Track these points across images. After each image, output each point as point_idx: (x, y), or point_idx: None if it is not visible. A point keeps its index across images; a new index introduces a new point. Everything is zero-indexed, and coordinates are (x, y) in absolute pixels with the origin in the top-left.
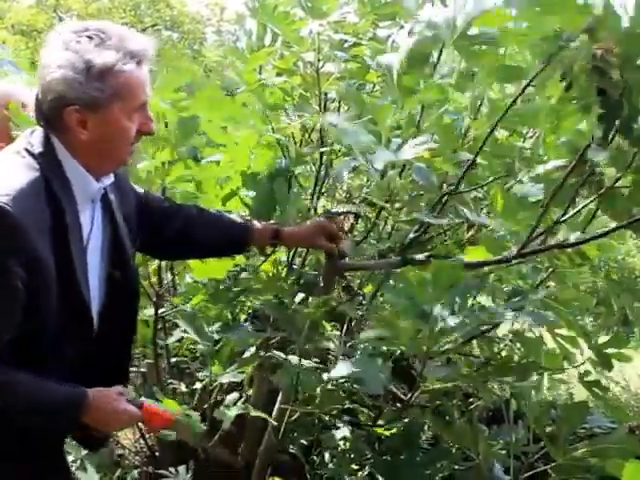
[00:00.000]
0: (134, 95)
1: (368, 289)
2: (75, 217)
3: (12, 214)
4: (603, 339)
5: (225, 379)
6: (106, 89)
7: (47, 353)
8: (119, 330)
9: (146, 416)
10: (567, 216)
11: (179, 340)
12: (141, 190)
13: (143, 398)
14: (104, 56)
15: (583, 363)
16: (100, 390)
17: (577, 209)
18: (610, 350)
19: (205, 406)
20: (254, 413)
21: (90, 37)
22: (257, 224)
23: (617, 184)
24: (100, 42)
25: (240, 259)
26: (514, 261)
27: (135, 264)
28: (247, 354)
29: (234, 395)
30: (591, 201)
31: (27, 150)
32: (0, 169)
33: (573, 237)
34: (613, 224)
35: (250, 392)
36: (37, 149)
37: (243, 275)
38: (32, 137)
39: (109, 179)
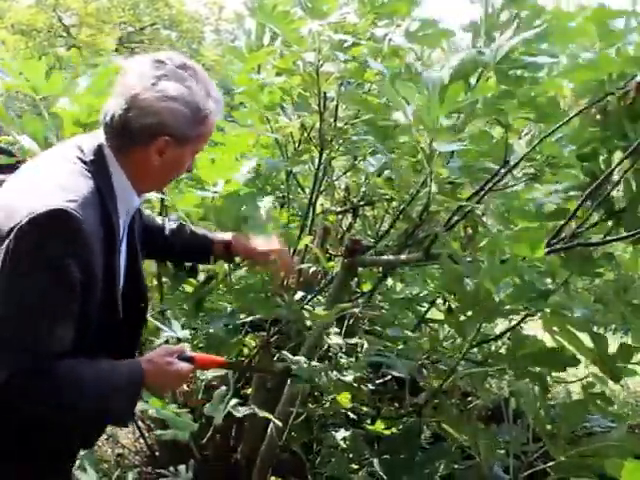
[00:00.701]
0: (205, 141)
1: (366, 287)
2: (118, 226)
3: (78, 219)
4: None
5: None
6: (198, 131)
7: (86, 345)
8: (131, 324)
9: (199, 365)
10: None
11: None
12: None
13: (187, 350)
14: (209, 104)
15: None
16: (150, 358)
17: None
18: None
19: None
20: (262, 414)
21: (194, 78)
22: (216, 237)
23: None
24: (201, 86)
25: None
26: None
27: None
28: None
29: (222, 390)
30: (606, 219)
31: (79, 158)
32: (59, 175)
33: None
34: None
35: (249, 391)
36: (88, 157)
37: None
38: (82, 145)
39: (144, 197)
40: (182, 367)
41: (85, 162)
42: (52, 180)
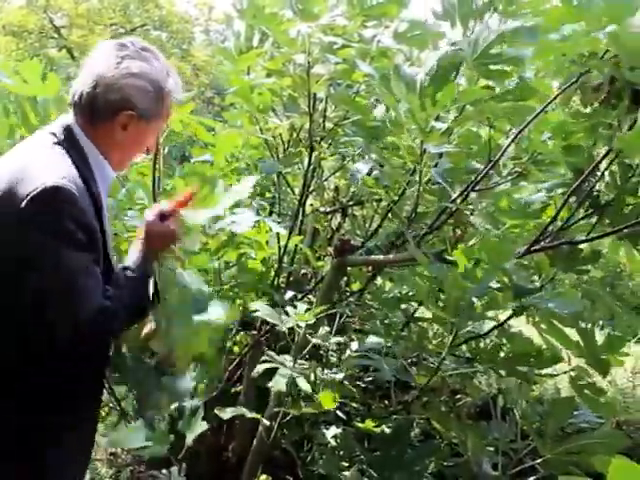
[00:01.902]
0: (164, 120)
1: (355, 286)
2: (99, 195)
3: (73, 192)
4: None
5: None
6: (159, 109)
7: None
8: None
9: (178, 210)
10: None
11: None
12: None
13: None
14: (169, 83)
15: (570, 370)
16: (143, 239)
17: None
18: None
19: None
20: (249, 415)
21: (156, 58)
22: None
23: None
24: (164, 67)
25: (232, 255)
26: None
27: None
28: None
29: (195, 403)
30: (590, 213)
31: (54, 142)
32: (45, 159)
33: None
34: None
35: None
36: (60, 137)
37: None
38: (53, 129)
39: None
40: (167, 225)
41: (59, 143)
42: (39, 163)
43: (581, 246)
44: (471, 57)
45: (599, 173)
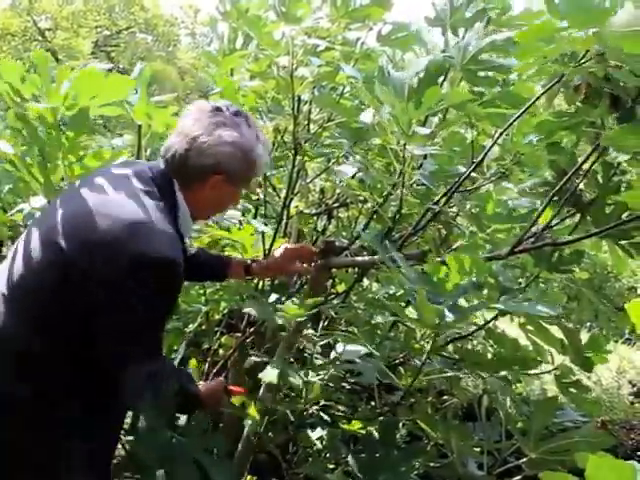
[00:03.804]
0: (251, 182)
1: (341, 288)
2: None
3: (181, 267)
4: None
5: None
6: (247, 173)
7: None
8: None
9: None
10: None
11: None
12: None
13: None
14: (259, 149)
15: (554, 368)
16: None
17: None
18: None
19: None
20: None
21: (249, 125)
22: (234, 260)
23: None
24: (253, 132)
25: None
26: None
27: None
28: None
29: None
30: (573, 213)
31: (153, 192)
32: (148, 211)
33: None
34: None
35: None
36: (162, 193)
37: None
38: (156, 177)
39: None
40: (224, 398)
41: (158, 197)
42: (151, 220)
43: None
44: (460, 63)
45: (581, 172)
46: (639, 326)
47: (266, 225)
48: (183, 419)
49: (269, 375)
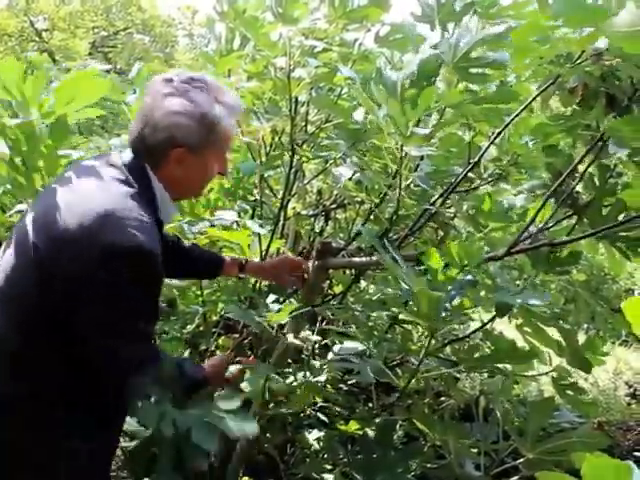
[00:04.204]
0: (227, 144)
1: (338, 289)
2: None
3: (158, 256)
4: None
5: None
6: (210, 137)
7: None
8: None
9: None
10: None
11: None
12: None
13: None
14: (215, 110)
15: (551, 370)
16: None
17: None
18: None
19: None
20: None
21: (200, 89)
22: (227, 258)
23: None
24: (208, 95)
25: None
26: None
27: None
28: None
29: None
30: (570, 215)
31: (126, 179)
32: (120, 200)
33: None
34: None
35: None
36: (135, 178)
37: None
38: (127, 164)
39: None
40: (231, 371)
41: (130, 183)
42: (123, 209)
43: (561, 247)
44: (451, 60)
45: (578, 174)
46: (635, 325)
47: (262, 227)
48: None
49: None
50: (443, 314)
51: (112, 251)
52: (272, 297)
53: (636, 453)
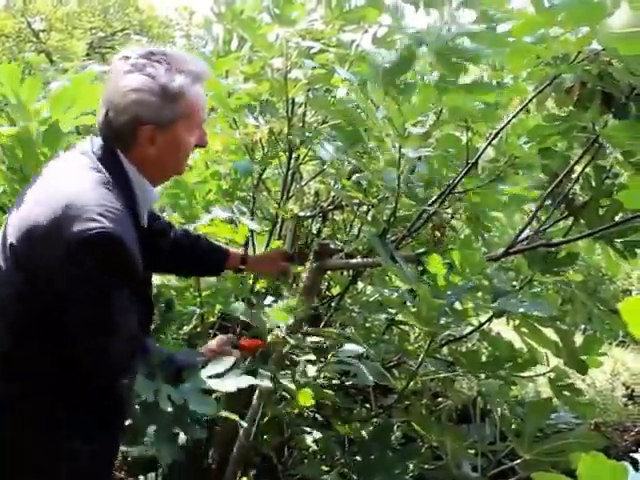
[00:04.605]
0: (198, 114)
1: (335, 290)
2: (144, 226)
3: (126, 241)
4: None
5: None
6: (177, 109)
7: None
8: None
9: (246, 350)
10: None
11: None
12: None
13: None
14: (176, 80)
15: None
16: (210, 347)
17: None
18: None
19: None
20: (229, 415)
21: (159, 62)
22: (231, 249)
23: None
24: (168, 66)
25: None
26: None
27: None
28: None
29: None
30: (567, 215)
31: (96, 166)
32: (88, 188)
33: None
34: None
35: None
36: (105, 164)
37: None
38: (97, 151)
39: (157, 193)
40: (233, 353)
41: (101, 171)
42: (88, 197)
43: (558, 248)
44: (434, 47)
45: (574, 175)
46: (632, 326)
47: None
48: None
49: (265, 383)
50: (443, 320)
51: (77, 242)
52: (270, 299)
53: (633, 454)
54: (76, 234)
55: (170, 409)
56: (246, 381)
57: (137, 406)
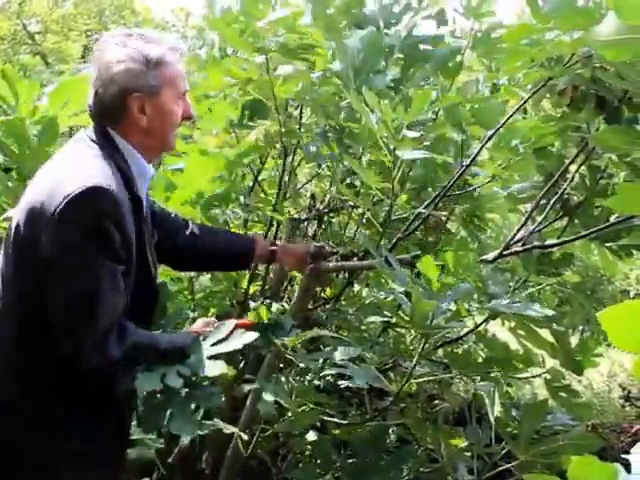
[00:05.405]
0: (179, 83)
1: (330, 293)
2: (142, 197)
3: (114, 193)
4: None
5: None
6: (160, 77)
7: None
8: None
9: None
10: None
11: None
12: None
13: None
14: (156, 50)
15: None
16: (194, 329)
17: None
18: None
19: None
20: (225, 429)
21: (137, 39)
22: (259, 237)
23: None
24: (147, 40)
25: None
26: None
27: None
28: None
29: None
30: (562, 215)
31: (90, 146)
32: (81, 161)
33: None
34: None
35: None
36: (100, 144)
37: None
38: (89, 133)
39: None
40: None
41: (101, 148)
42: (80, 168)
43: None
44: (399, 45)
45: (569, 176)
46: (611, 335)
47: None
48: None
49: (265, 405)
50: (436, 321)
51: (67, 201)
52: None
53: (629, 455)
54: (66, 195)
55: (181, 386)
56: (251, 336)
57: (141, 406)
